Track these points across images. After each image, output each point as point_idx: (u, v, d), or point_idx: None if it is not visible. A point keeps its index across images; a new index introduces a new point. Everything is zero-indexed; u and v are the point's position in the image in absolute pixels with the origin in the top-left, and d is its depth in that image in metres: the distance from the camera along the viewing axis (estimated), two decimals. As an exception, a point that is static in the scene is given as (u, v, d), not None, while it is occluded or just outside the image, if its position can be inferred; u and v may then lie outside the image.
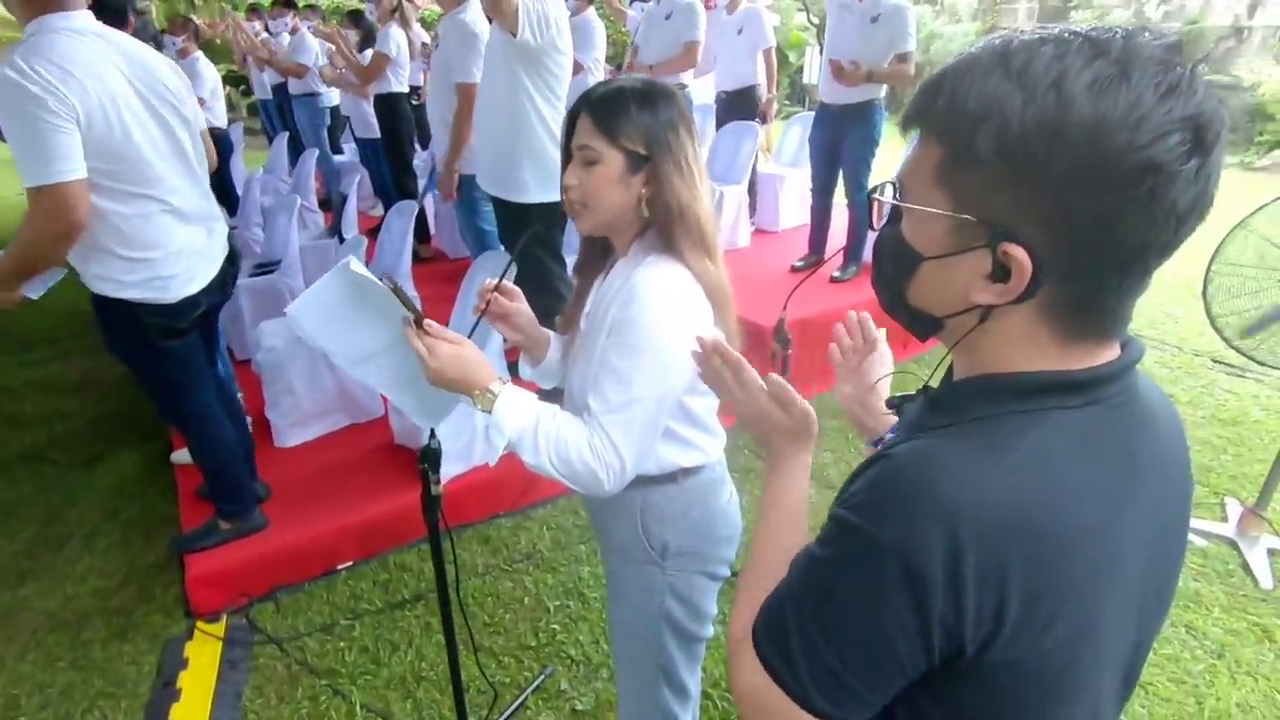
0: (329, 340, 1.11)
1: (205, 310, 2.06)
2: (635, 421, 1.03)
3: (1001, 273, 0.53)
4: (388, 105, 4.72)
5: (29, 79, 1.56)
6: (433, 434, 1.28)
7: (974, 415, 0.56)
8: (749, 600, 0.65)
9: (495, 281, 1.21)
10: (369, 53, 5.04)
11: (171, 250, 1.89)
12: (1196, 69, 0.48)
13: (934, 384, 0.68)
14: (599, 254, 1.19)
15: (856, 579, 0.54)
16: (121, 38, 1.80)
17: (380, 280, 1.03)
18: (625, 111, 1.04)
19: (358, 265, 1.04)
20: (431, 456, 1.31)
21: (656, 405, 1.05)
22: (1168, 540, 0.61)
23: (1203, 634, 2.11)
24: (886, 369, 0.96)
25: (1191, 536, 2.49)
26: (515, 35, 2.33)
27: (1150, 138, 0.46)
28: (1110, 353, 0.57)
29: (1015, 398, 0.56)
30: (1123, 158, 0.47)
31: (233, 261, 2.15)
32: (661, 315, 1.03)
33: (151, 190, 1.82)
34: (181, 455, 2.85)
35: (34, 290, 1.91)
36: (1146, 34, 0.48)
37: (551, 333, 1.32)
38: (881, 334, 0.97)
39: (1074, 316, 0.54)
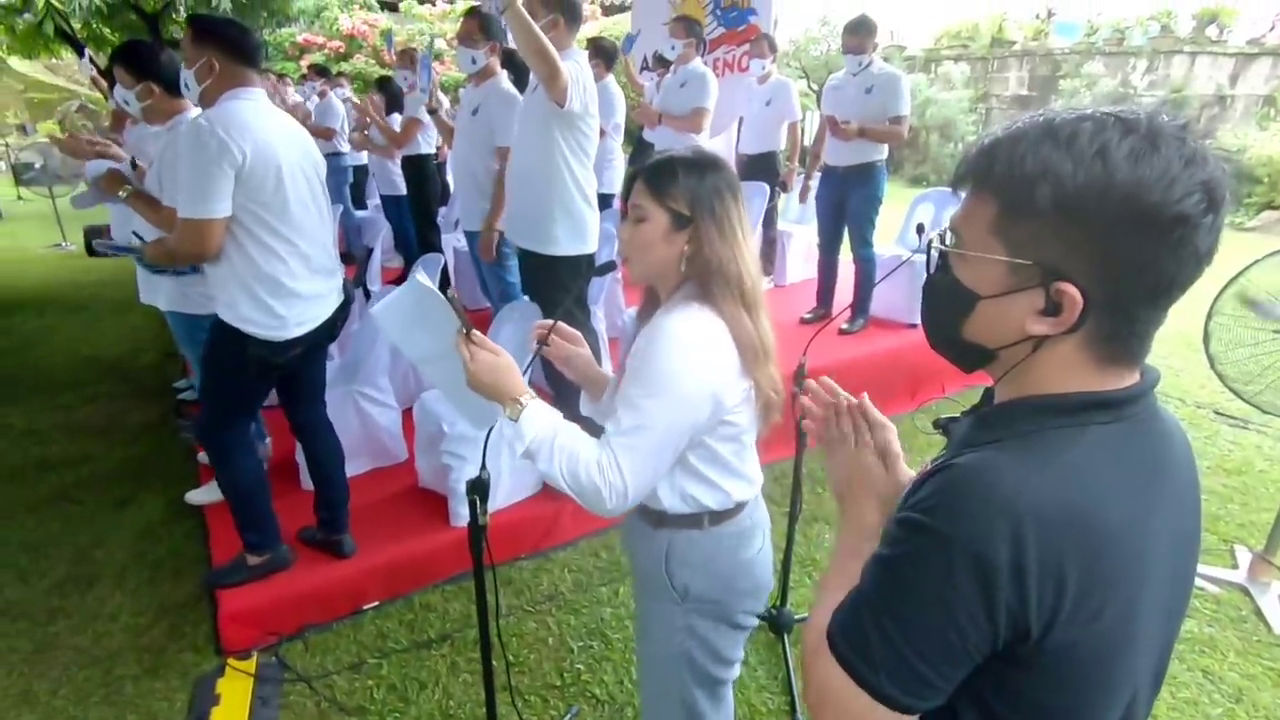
0: (401, 339, 1.27)
1: (305, 352, 2.18)
2: (641, 447, 1.10)
3: (1053, 308, 0.63)
4: (416, 166, 4.96)
5: (211, 135, 1.86)
6: (484, 465, 1.37)
7: (1022, 430, 0.66)
8: (822, 613, 0.72)
9: (551, 322, 1.31)
10: (396, 117, 5.32)
11: (293, 293, 2.07)
12: (1205, 143, 0.60)
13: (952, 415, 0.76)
14: (652, 303, 1.29)
15: (930, 572, 0.62)
16: (286, 116, 2.13)
17: (442, 293, 1.16)
18: (673, 176, 1.16)
19: (424, 278, 1.17)
20: (481, 488, 1.38)
21: (663, 435, 1.11)
22: (1186, 546, 0.70)
23: (1219, 678, 2.14)
24: (890, 428, 0.92)
25: (1203, 583, 2.53)
26: (563, 106, 2.49)
27: (1180, 195, 0.58)
28: (1135, 376, 0.67)
29: (1059, 415, 0.65)
30: (1159, 212, 0.58)
31: (344, 307, 2.30)
32: (678, 353, 1.11)
33: (289, 233, 2.04)
34: (196, 495, 2.92)
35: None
36: (1164, 116, 0.61)
37: (610, 375, 1.41)
38: (864, 398, 0.93)
39: (1110, 345, 0.64)
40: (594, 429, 1.29)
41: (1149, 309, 0.63)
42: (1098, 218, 0.59)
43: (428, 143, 4.91)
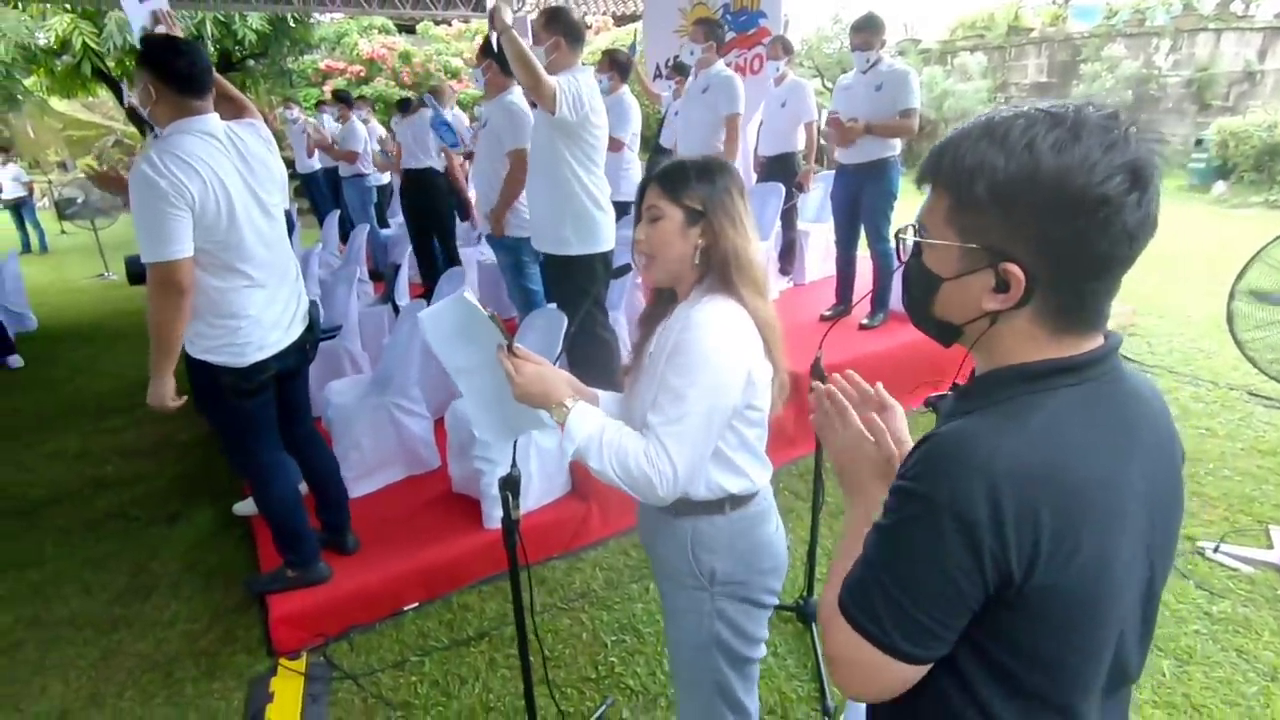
0: (441, 347, 1.32)
1: (279, 374, 2.24)
2: (687, 433, 1.17)
3: (1003, 286, 0.70)
4: (418, 181, 5.15)
5: (160, 174, 1.85)
6: (514, 463, 1.44)
7: (996, 399, 0.72)
8: (833, 585, 0.79)
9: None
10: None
11: (248, 320, 2.10)
12: (1130, 129, 0.66)
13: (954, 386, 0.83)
14: (664, 303, 1.35)
15: (921, 534, 0.68)
16: (242, 130, 2.09)
17: (484, 310, 1.24)
18: (685, 177, 1.24)
19: (470, 295, 1.24)
20: (512, 484, 1.46)
21: (706, 419, 1.18)
22: (1166, 496, 0.75)
23: (1254, 657, 2.13)
24: (901, 415, 0.97)
25: (1237, 564, 2.52)
26: (554, 114, 2.66)
27: (1101, 178, 0.64)
28: (1095, 342, 0.73)
29: (1027, 381, 0.71)
30: (1083, 194, 0.64)
31: (311, 330, 2.36)
32: (714, 341, 1.18)
33: (244, 267, 2.06)
34: (241, 506, 3.06)
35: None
36: (1091, 108, 0.67)
37: (599, 391, 1.44)
38: (878, 386, 0.98)
39: (1061, 315, 0.71)
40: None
41: (1091, 281, 0.69)
42: (1029, 203, 0.66)
43: (426, 157, 5.07)
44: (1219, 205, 9.16)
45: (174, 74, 1.95)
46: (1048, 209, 0.66)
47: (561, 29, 2.79)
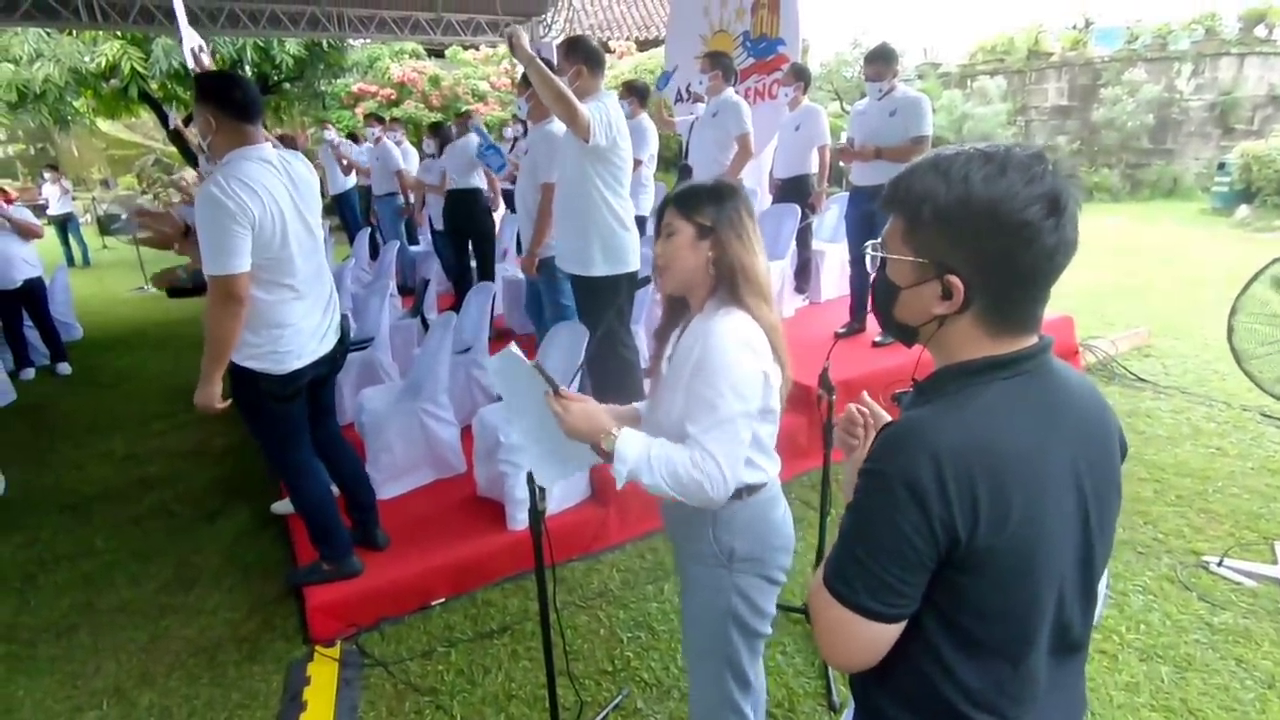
0: (504, 393, 1.52)
1: (312, 380, 2.40)
2: (726, 437, 1.30)
3: (948, 293, 0.84)
4: (461, 201, 5.36)
5: (227, 195, 2.05)
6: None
7: (945, 391, 0.86)
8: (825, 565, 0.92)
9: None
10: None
11: (290, 329, 2.27)
12: (1049, 167, 0.79)
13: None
14: (677, 313, 1.50)
15: (881, 504, 0.81)
16: (291, 158, 2.29)
17: (528, 361, 1.40)
18: (697, 197, 1.40)
19: (516, 350, 1.40)
20: (539, 479, 1.60)
21: (740, 420, 1.32)
22: (1097, 471, 0.87)
23: (1252, 666, 2.19)
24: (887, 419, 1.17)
25: (1240, 578, 2.57)
26: (588, 142, 2.79)
27: (1022, 206, 0.78)
28: (1029, 341, 0.86)
29: (969, 375, 0.85)
30: (1008, 219, 0.78)
31: (343, 341, 2.52)
32: (732, 348, 1.32)
33: (290, 281, 2.24)
34: (279, 506, 3.23)
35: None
36: (1018, 148, 0.81)
37: (636, 405, 1.60)
38: (881, 410, 1.15)
39: (997, 318, 0.84)
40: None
41: (1019, 290, 0.83)
42: (964, 225, 0.80)
43: (469, 178, 5.28)
44: (1242, 229, 9.12)
45: (233, 104, 2.16)
46: (979, 230, 0.80)
47: (582, 57, 2.91)
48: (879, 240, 0.92)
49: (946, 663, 0.85)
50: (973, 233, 0.80)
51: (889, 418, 1.10)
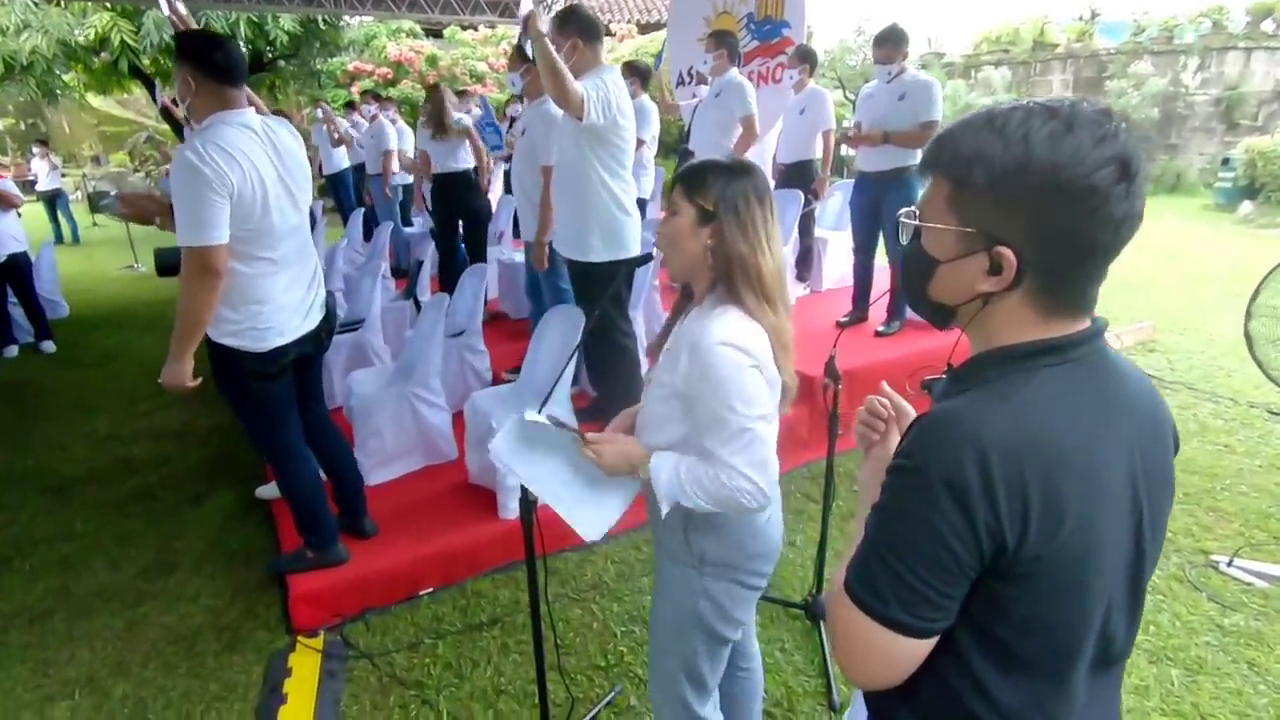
0: (521, 467, 1.41)
1: (297, 359, 2.29)
2: (747, 447, 1.22)
3: (996, 268, 0.74)
4: (447, 183, 5.24)
5: (204, 161, 1.92)
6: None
7: (985, 378, 0.76)
8: (843, 567, 0.82)
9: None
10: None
11: (270, 305, 2.15)
12: (1121, 125, 0.69)
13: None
14: (686, 300, 1.41)
15: (917, 506, 0.72)
16: (276, 126, 2.17)
17: (543, 419, 1.33)
18: (703, 177, 1.29)
19: (532, 414, 1.33)
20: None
21: (757, 425, 1.23)
22: (1154, 476, 0.78)
23: (1265, 670, 2.12)
24: (910, 414, 1.02)
25: (1251, 578, 2.51)
26: (582, 120, 2.65)
27: (1091, 169, 0.68)
28: (1081, 325, 0.76)
29: (1013, 361, 0.75)
30: (1074, 184, 0.68)
31: (328, 320, 2.41)
32: (731, 357, 1.22)
33: (270, 254, 2.13)
34: (264, 490, 3.14)
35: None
36: (1085, 104, 0.71)
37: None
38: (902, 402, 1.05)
39: (1050, 298, 0.74)
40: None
41: (1078, 267, 0.73)
42: (1023, 191, 0.70)
43: (457, 160, 5.14)
44: (1245, 225, 9.05)
45: (212, 65, 2.03)
46: (1040, 196, 0.69)
47: (575, 29, 2.76)
48: (913, 209, 0.81)
49: (979, 678, 0.76)
50: (1032, 199, 0.70)
51: (912, 410, 1.00)
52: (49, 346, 5.71)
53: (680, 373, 1.27)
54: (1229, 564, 2.57)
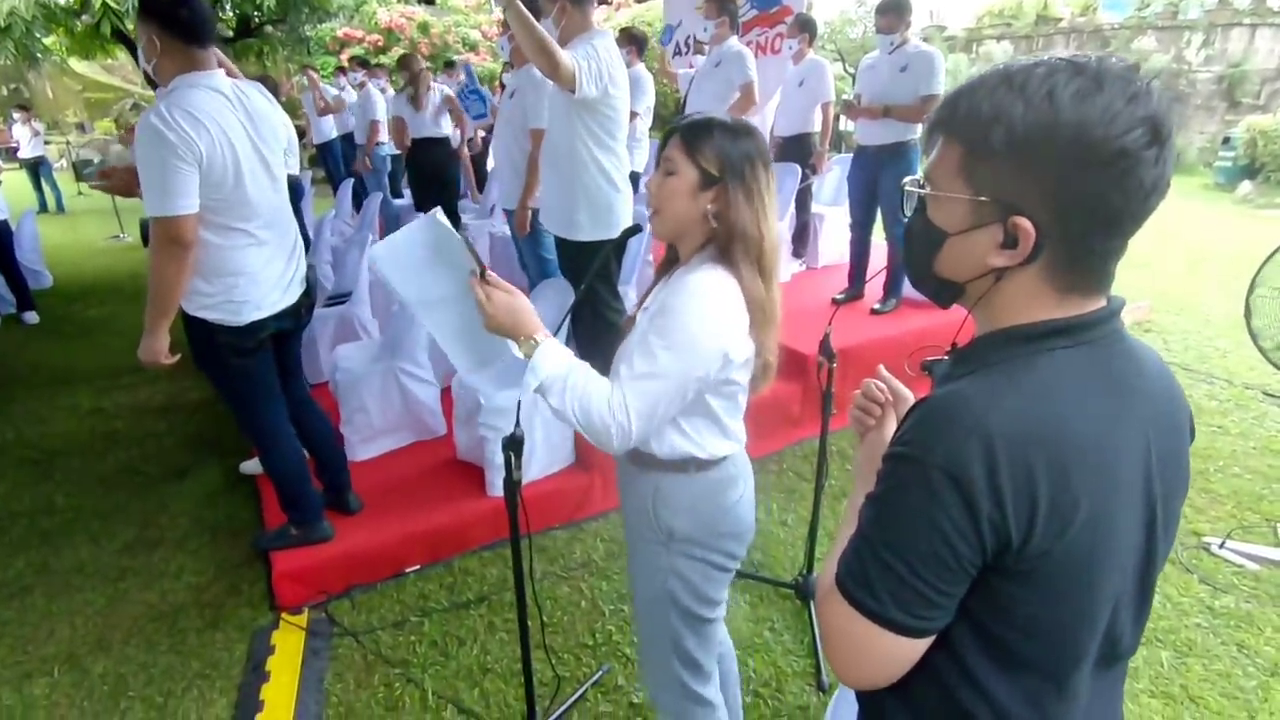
0: (401, 279, 1.26)
1: (276, 334, 2.23)
2: (651, 393, 1.15)
3: (1011, 241, 0.67)
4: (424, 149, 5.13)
5: (169, 126, 1.83)
6: (518, 423, 1.44)
7: (991, 360, 0.70)
8: (830, 565, 0.77)
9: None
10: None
11: (246, 278, 2.08)
12: (1153, 83, 0.63)
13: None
14: (671, 263, 1.33)
15: (915, 498, 0.66)
16: (248, 89, 2.07)
17: (458, 233, 1.20)
18: (709, 136, 1.20)
19: (442, 217, 1.20)
20: (516, 444, 1.45)
21: (675, 385, 1.16)
22: (1167, 462, 0.72)
23: (1255, 652, 2.12)
24: (908, 399, 0.98)
25: (1243, 561, 2.50)
26: (575, 93, 2.51)
27: (1122, 130, 0.61)
28: (1098, 304, 0.71)
29: (1024, 342, 0.69)
30: (1102, 146, 0.62)
31: (309, 294, 2.34)
32: (698, 310, 1.16)
33: (246, 225, 2.04)
34: (248, 465, 3.09)
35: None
36: (1114, 59, 0.64)
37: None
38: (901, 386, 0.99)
39: (1068, 274, 0.68)
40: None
41: (1102, 240, 0.67)
42: (1046, 154, 0.63)
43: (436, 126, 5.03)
44: (1244, 205, 9.00)
45: (178, 23, 1.92)
46: (1065, 160, 0.63)
47: None
48: (918, 177, 0.74)
49: (977, 678, 0.72)
50: (1056, 163, 0.63)
51: (910, 395, 0.95)
52: (31, 317, 5.61)
53: (653, 310, 1.21)
54: (1221, 546, 2.56)
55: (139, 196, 2.25)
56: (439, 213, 1.21)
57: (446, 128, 5.08)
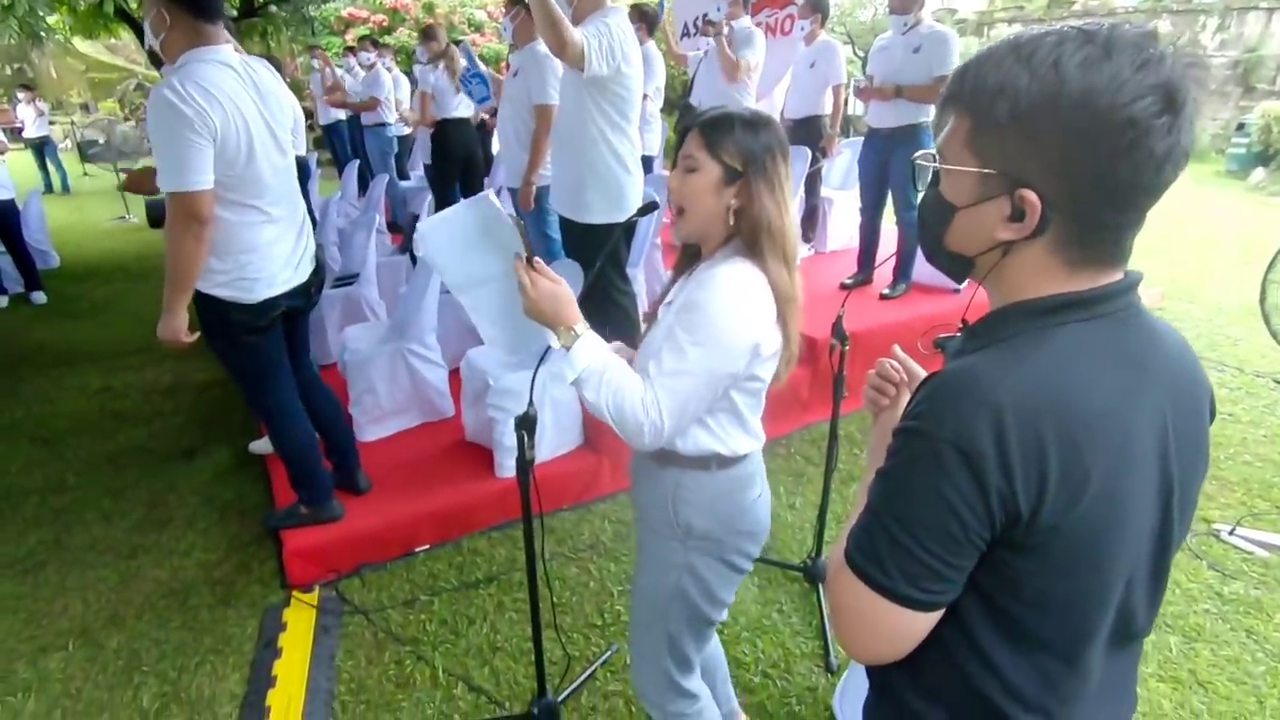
0: (445, 259, 1.26)
1: (287, 312, 2.22)
2: (682, 390, 1.15)
3: (1019, 214, 0.66)
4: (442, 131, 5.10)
5: (184, 101, 1.81)
6: (530, 402, 1.44)
7: (1003, 335, 0.70)
8: (841, 542, 0.77)
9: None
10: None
11: (258, 255, 2.07)
12: (1166, 49, 0.61)
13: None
14: (691, 259, 1.32)
15: (924, 471, 0.66)
16: (256, 66, 2.05)
17: (512, 217, 1.20)
18: (729, 131, 1.18)
19: (494, 198, 1.20)
20: (529, 423, 1.46)
21: (705, 382, 1.16)
22: (1184, 439, 0.71)
23: (1264, 638, 2.12)
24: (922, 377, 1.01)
25: (1252, 547, 2.49)
26: (584, 72, 2.48)
27: (1129, 98, 0.59)
28: (1113, 277, 0.69)
29: (1036, 316, 0.68)
30: (1108, 115, 0.60)
31: (318, 273, 2.33)
32: (727, 305, 1.15)
33: (258, 202, 2.03)
34: (258, 445, 3.11)
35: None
36: (1127, 25, 0.62)
37: (619, 343, 1.43)
38: (915, 365, 1.00)
39: (1078, 247, 0.67)
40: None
41: (1113, 213, 0.65)
42: (1052, 125, 0.62)
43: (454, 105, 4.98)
44: (1257, 193, 8.90)
45: (189, 0, 1.89)
46: (1069, 131, 0.61)
47: None
48: (931, 151, 0.73)
49: (988, 655, 0.72)
50: (1061, 134, 0.62)
51: (924, 374, 0.93)
52: (39, 297, 5.62)
53: (676, 311, 1.20)
54: (1231, 533, 2.55)
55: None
56: (491, 194, 1.21)
57: (465, 108, 5.04)
